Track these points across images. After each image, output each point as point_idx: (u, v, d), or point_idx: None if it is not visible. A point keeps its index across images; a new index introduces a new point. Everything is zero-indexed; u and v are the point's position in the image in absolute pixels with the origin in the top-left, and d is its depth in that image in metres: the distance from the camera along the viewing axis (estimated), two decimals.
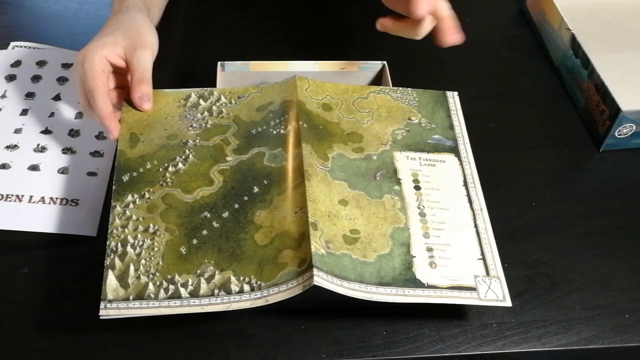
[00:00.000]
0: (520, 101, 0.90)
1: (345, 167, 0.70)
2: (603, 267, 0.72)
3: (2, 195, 0.73)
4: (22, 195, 0.73)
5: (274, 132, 0.71)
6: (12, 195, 0.73)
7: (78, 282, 0.67)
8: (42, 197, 0.73)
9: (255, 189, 0.66)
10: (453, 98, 0.79)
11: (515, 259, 0.70)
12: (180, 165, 0.69)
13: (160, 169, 0.68)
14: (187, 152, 0.70)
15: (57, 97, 0.84)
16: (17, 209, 0.72)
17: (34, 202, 0.72)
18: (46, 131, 0.80)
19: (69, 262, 0.69)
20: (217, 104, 0.74)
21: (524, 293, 0.69)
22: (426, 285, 0.62)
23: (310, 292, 0.58)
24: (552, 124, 0.87)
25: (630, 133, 0.81)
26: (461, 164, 0.72)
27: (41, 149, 0.78)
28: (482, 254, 0.65)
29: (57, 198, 0.73)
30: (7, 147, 0.78)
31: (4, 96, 0.84)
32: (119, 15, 0.75)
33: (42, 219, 0.71)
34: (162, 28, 0.77)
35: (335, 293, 0.60)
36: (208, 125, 0.72)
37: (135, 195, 0.66)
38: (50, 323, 0.64)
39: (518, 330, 0.66)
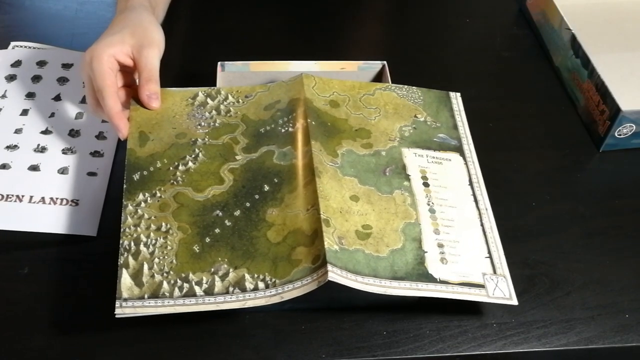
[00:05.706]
0: (520, 101, 0.90)
1: (354, 163, 0.70)
2: (603, 267, 0.72)
3: (2, 196, 0.73)
4: (22, 196, 0.73)
5: (283, 130, 0.71)
6: (12, 195, 0.73)
7: (78, 282, 0.67)
8: (42, 197, 0.73)
9: (266, 187, 0.66)
10: (456, 99, 0.79)
11: (515, 259, 0.70)
12: (190, 164, 0.69)
13: (171, 168, 0.68)
14: (197, 150, 0.70)
15: (57, 97, 0.84)
16: (17, 209, 0.71)
17: (34, 202, 0.72)
18: (46, 131, 0.80)
19: (69, 262, 0.69)
20: (225, 103, 0.74)
21: (524, 293, 0.69)
22: (438, 280, 0.62)
23: (310, 291, 0.58)
24: (552, 124, 0.87)
25: (630, 133, 0.81)
26: (466, 163, 0.73)
27: (41, 149, 0.78)
28: (489, 252, 0.66)
29: (57, 198, 0.73)
30: (7, 147, 0.78)
31: (4, 96, 0.84)
32: (126, 14, 0.75)
33: (42, 219, 0.71)
34: (163, 28, 0.77)
35: (335, 293, 0.60)
36: (216, 124, 0.72)
37: (147, 194, 0.66)
38: (50, 323, 0.64)
39: (518, 331, 0.66)
